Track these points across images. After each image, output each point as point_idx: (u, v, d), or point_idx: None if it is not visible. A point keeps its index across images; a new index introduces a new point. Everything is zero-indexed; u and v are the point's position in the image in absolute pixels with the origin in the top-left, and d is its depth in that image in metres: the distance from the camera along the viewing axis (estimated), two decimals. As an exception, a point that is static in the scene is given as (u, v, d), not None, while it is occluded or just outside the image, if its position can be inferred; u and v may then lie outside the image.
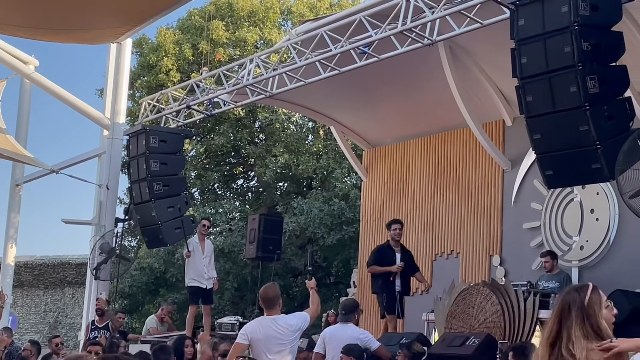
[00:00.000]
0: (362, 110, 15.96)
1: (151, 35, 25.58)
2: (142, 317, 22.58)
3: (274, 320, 7.54)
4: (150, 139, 14.58)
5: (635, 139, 8.42)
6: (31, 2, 13.59)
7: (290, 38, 13.68)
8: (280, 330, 7.48)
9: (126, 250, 16.50)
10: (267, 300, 7.66)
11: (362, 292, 16.30)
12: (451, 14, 10.57)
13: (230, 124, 23.81)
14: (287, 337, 7.49)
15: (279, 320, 7.54)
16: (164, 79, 23.48)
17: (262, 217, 15.88)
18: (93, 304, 15.48)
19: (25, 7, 13.74)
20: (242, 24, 24.62)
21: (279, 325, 7.50)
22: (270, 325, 7.50)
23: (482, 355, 9.15)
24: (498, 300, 10.95)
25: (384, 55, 11.78)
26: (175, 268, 22.48)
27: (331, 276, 23.53)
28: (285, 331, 7.49)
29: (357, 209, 19.32)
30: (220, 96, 14.59)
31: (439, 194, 15.09)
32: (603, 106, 8.58)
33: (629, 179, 8.52)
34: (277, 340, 7.44)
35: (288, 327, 7.51)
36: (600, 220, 12.42)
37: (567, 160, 8.89)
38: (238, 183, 26.88)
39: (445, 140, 15.16)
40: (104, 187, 16.13)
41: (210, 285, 13.51)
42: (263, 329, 7.52)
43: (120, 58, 16.72)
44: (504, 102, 13.79)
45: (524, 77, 8.99)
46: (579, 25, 8.45)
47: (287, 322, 7.55)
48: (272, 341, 7.44)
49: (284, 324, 7.52)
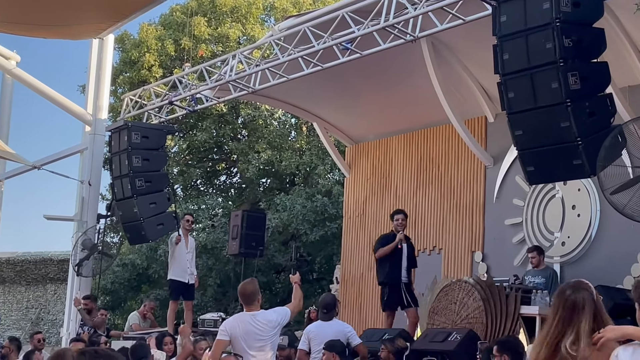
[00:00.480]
0: (345, 107, 15.97)
1: (133, 31, 25.56)
2: (125, 313, 22.52)
3: (253, 316, 7.52)
4: (132, 134, 14.51)
5: (617, 135, 8.45)
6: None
7: (273, 34, 13.67)
8: (259, 326, 7.46)
9: (108, 246, 16.47)
10: (246, 296, 7.65)
11: (344, 288, 16.33)
12: (433, 10, 10.58)
13: (213, 120, 23.75)
14: (267, 332, 7.47)
15: (258, 316, 7.52)
16: (146, 75, 23.39)
17: (244, 213, 15.87)
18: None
19: (6, 2, 13.67)
20: (225, 19, 24.56)
21: (258, 321, 7.48)
22: (249, 321, 7.48)
23: (464, 351, 9.18)
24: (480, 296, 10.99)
25: (367, 52, 11.78)
26: (157, 264, 22.42)
27: (314, 272, 23.54)
28: (265, 327, 7.47)
29: (340, 205, 19.34)
30: (203, 92, 14.56)
31: (421, 190, 15.13)
32: (584, 102, 8.61)
33: (610, 175, 8.55)
34: (256, 336, 7.42)
35: (267, 323, 7.50)
36: (582, 217, 12.48)
37: (548, 157, 8.91)
38: (221, 179, 26.84)
39: (428, 136, 15.19)
40: (86, 183, 16.09)
41: (192, 280, 13.50)
42: (242, 325, 7.50)
43: (102, 54, 16.67)
44: (486, 99, 13.84)
45: (505, 74, 9.01)
46: (560, 21, 8.47)
47: (266, 317, 7.54)
48: (251, 337, 7.42)
49: (263, 319, 7.50)
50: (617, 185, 8.56)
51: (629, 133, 8.51)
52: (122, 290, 24.49)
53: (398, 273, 11.74)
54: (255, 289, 7.64)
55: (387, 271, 11.81)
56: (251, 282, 7.79)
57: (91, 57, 16.70)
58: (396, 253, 11.78)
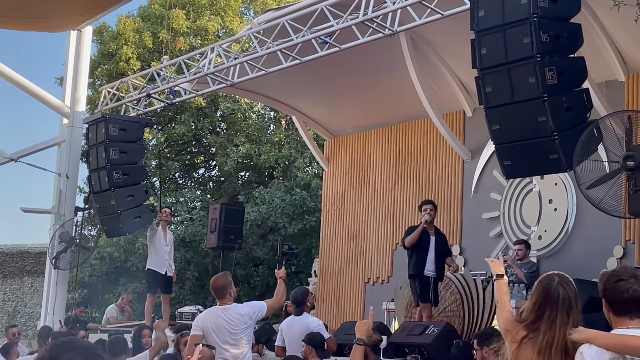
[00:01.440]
0: (324, 100, 15.98)
1: (111, 23, 25.39)
2: (102, 306, 22.42)
3: (224, 310, 7.48)
4: (110, 127, 14.45)
5: (593, 130, 8.51)
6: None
7: (252, 27, 13.64)
8: (231, 320, 7.41)
9: (86, 239, 16.40)
10: (217, 290, 7.62)
11: (322, 282, 16.36)
12: (412, 5, 10.60)
13: (192, 113, 23.70)
14: (238, 326, 7.41)
15: (229, 309, 7.47)
16: (124, 67, 23.29)
17: (223, 206, 15.86)
18: (52, 294, 15.41)
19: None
20: (204, 12, 24.49)
21: (229, 314, 7.43)
22: (221, 315, 7.45)
23: (442, 344, 9.22)
24: (457, 289, 11.06)
25: (345, 45, 11.79)
26: (135, 257, 22.35)
27: (292, 265, 23.52)
28: (236, 320, 7.42)
29: (318, 198, 19.36)
30: (181, 85, 14.53)
31: (399, 183, 15.17)
32: (561, 97, 8.65)
33: (586, 169, 8.62)
34: (227, 330, 7.37)
35: (239, 317, 7.44)
36: (559, 211, 12.57)
37: (525, 151, 8.96)
38: (199, 172, 26.78)
39: (406, 130, 15.23)
40: (63, 176, 16.00)
41: (170, 273, 13.48)
42: (214, 318, 7.47)
43: (81, 46, 16.57)
44: (464, 93, 13.88)
45: (483, 68, 9.04)
46: (538, 16, 8.51)
47: (238, 311, 7.47)
48: (222, 331, 7.37)
49: (234, 313, 7.45)
50: (593, 180, 8.62)
51: (605, 128, 8.57)
52: (100, 283, 24.40)
53: (422, 265, 10.91)
54: (226, 283, 7.59)
55: (412, 263, 11.06)
56: (222, 276, 7.77)
57: (69, 48, 16.60)
58: (422, 245, 10.98)
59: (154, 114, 20.67)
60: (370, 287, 15.40)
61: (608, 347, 3.77)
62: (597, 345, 3.82)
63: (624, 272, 3.93)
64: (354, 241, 15.83)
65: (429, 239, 11.00)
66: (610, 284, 3.93)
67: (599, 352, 3.79)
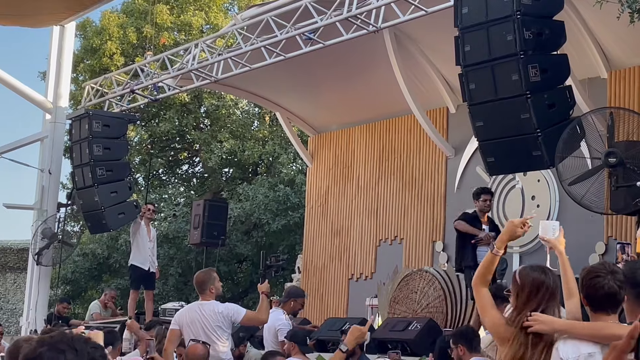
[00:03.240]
0: (308, 96, 15.98)
1: (95, 18, 25.27)
2: (85, 302, 22.36)
3: (201, 305, 7.49)
4: (93, 123, 14.42)
5: (575, 126, 8.56)
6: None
7: (236, 23, 13.64)
8: (205, 316, 7.38)
9: (69, 235, 16.34)
10: (198, 285, 7.64)
11: (306, 278, 16.37)
12: (396, 1, 10.63)
13: (176, 110, 23.63)
14: (212, 323, 7.36)
15: (205, 305, 7.46)
16: (108, 63, 23.20)
17: (206, 203, 15.86)
18: (35, 290, 15.36)
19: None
20: (188, 7, 24.42)
21: (204, 310, 7.42)
22: (197, 310, 7.45)
23: (424, 340, 9.25)
24: (440, 285, 11.08)
25: (330, 42, 11.80)
26: (118, 254, 22.29)
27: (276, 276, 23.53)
28: (210, 317, 7.37)
29: (302, 194, 19.35)
30: (165, 81, 14.50)
31: (383, 180, 15.19)
32: (544, 94, 8.70)
33: (568, 166, 8.66)
34: (200, 325, 7.34)
35: (212, 314, 7.39)
36: (541, 207, 12.62)
37: (508, 148, 9.00)
38: (183, 168, 26.72)
39: (390, 127, 15.25)
40: (46, 172, 15.95)
41: (153, 269, 13.47)
42: (190, 313, 7.48)
43: (64, 41, 16.50)
44: (448, 90, 13.91)
45: (467, 65, 9.07)
46: (521, 14, 8.55)
47: (213, 308, 7.43)
48: (196, 326, 7.35)
49: (209, 309, 7.41)
50: (575, 176, 8.67)
51: (588, 125, 8.62)
52: (83, 279, 24.33)
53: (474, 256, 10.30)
54: (206, 278, 7.57)
55: (464, 255, 10.50)
56: (204, 272, 7.77)
57: (52, 43, 16.53)
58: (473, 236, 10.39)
59: (137, 110, 20.61)
60: (354, 283, 15.43)
61: (583, 337, 3.82)
62: (574, 336, 3.85)
63: (601, 269, 3.97)
64: (338, 237, 15.85)
65: (481, 228, 10.51)
66: (588, 280, 3.97)
67: (574, 347, 3.83)
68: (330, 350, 9.89)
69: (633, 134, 8.44)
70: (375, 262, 15.03)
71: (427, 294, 11.28)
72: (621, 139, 8.51)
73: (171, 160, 25.82)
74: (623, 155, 8.29)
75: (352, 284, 15.50)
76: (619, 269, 4.06)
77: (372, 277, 14.80)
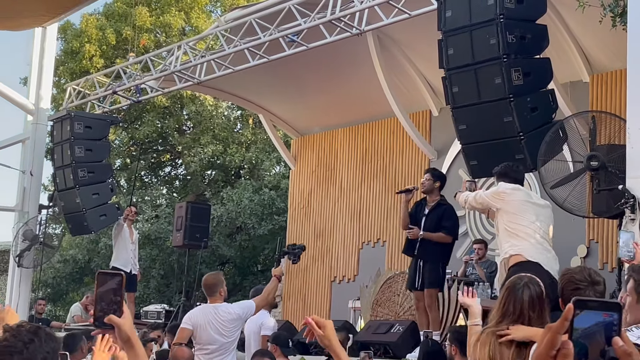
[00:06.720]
0: (291, 99, 15.98)
1: (76, 21, 25.18)
2: (67, 305, 22.28)
3: (215, 307, 7.59)
4: (75, 124, 14.37)
5: (558, 130, 8.58)
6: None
7: (219, 25, 13.61)
8: (220, 317, 7.51)
9: (50, 237, 16.26)
10: (207, 288, 7.74)
11: (289, 280, 16.34)
12: (380, 4, 10.64)
13: (157, 113, 23.55)
14: (228, 324, 7.52)
15: (220, 308, 7.58)
16: (87, 66, 23.11)
17: (189, 204, 15.81)
18: (16, 292, 15.26)
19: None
20: (169, 9, 24.34)
21: (219, 313, 7.54)
22: (212, 312, 7.56)
23: (407, 342, 9.26)
24: (423, 288, 11.07)
25: (313, 44, 11.81)
26: (99, 257, 22.21)
27: (259, 264, 23.54)
28: (226, 319, 7.52)
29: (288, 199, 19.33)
30: (147, 83, 14.46)
31: (366, 182, 15.20)
32: (527, 98, 8.72)
33: (550, 169, 8.69)
34: (218, 328, 7.48)
35: (228, 315, 7.54)
36: (523, 210, 12.63)
37: (491, 151, 9.01)
38: (165, 170, 26.65)
39: (373, 129, 15.27)
40: (27, 173, 15.85)
41: (135, 271, 13.43)
42: (205, 316, 7.58)
43: (45, 42, 16.41)
44: (431, 93, 13.95)
45: (450, 68, 9.09)
46: (504, 17, 8.57)
47: (228, 310, 7.59)
48: (213, 328, 7.48)
49: (224, 311, 7.56)
50: (558, 180, 8.70)
51: (570, 128, 8.65)
52: (64, 282, 24.25)
53: None
54: (216, 281, 7.71)
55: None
56: (213, 275, 7.96)
57: (33, 45, 16.44)
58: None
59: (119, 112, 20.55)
60: (337, 286, 15.43)
61: None
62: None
63: (582, 280, 3.97)
64: (321, 239, 15.85)
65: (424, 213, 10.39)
66: (568, 291, 3.98)
67: None
68: (313, 353, 9.90)
69: (615, 138, 8.46)
70: (357, 264, 15.04)
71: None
72: (603, 143, 8.54)
73: (153, 162, 25.74)
74: (605, 158, 8.32)
75: (334, 286, 15.51)
76: (600, 278, 4.07)
77: (355, 279, 14.80)
